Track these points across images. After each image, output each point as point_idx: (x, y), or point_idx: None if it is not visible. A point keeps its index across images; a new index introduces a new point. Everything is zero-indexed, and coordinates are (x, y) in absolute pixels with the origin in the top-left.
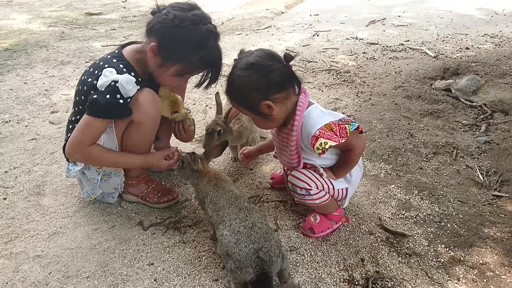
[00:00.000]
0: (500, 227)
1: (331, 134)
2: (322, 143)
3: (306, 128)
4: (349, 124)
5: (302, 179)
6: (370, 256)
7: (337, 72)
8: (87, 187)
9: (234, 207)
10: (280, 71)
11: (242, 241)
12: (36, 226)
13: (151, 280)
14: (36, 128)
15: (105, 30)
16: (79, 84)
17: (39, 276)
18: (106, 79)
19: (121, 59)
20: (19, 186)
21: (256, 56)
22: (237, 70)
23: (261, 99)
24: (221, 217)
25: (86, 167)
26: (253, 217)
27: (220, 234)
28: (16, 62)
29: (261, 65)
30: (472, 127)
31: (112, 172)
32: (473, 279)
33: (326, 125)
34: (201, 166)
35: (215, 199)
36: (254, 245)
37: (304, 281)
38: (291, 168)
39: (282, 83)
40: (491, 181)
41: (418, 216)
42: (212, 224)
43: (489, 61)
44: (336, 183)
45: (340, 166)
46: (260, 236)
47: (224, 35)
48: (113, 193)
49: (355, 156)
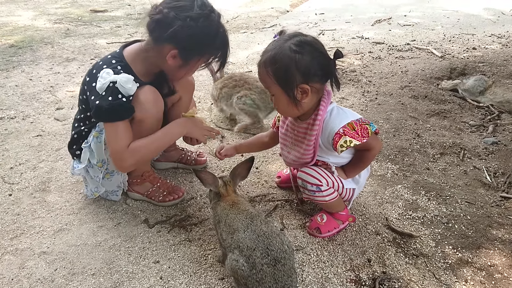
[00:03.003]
0: (509, 229)
1: (354, 133)
2: (347, 141)
3: (329, 125)
4: (369, 124)
5: (314, 175)
6: (377, 256)
7: (343, 71)
8: (91, 185)
9: (251, 232)
10: (330, 62)
11: (266, 282)
12: (42, 223)
13: (157, 278)
14: (42, 125)
15: (110, 28)
16: (82, 83)
17: (44, 273)
18: (103, 81)
19: (120, 60)
20: (25, 182)
21: (313, 38)
22: (288, 44)
23: (302, 82)
24: (236, 242)
25: (89, 165)
26: (274, 250)
27: (235, 259)
28: (21, 58)
29: (317, 48)
30: (479, 127)
31: (115, 171)
32: (481, 281)
33: (349, 123)
34: (223, 190)
35: (230, 221)
36: (277, 284)
37: (310, 281)
38: (297, 165)
39: (327, 75)
40: (498, 182)
41: (425, 217)
42: (224, 248)
43: (496, 62)
44: (345, 182)
45: (353, 165)
46: (284, 273)
47: (230, 33)
48: (116, 191)
49: (371, 156)
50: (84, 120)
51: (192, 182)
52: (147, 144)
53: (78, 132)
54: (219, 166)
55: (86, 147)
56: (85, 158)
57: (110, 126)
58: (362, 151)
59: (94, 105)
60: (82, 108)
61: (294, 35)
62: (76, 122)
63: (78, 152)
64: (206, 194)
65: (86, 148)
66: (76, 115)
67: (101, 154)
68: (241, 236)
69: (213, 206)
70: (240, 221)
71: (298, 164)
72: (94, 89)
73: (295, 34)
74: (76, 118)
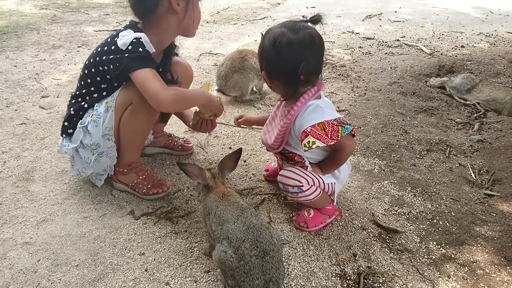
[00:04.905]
0: (492, 226)
1: (322, 133)
2: (310, 142)
3: (300, 120)
4: (344, 126)
5: (292, 177)
6: (362, 251)
7: (333, 66)
8: (79, 165)
9: (241, 224)
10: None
11: (254, 273)
12: (25, 213)
13: (142, 270)
14: (26, 113)
15: (98, 15)
16: (92, 57)
17: (27, 263)
18: (126, 38)
19: (136, 28)
20: (8, 171)
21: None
22: (313, 30)
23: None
24: (226, 233)
25: (80, 145)
26: (263, 242)
27: (223, 250)
28: (5, 44)
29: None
30: (465, 125)
31: (104, 152)
32: (464, 276)
33: (320, 123)
34: (212, 182)
35: (220, 212)
36: (265, 276)
37: (296, 274)
38: (268, 148)
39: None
40: (483, 179)
41: (410, 213)
42: (213, 239)
43: (484, 60)
44: (324, 177)
45: (328, 163)
46: (272, 266)
47: (220, 24)
48: (101, 175)
49: (342, 157)
50: (85, 95)
51: (180, 174)
52: (181, 91)
53: (77, 109)
54: (207, 158)
55: (81, 128)
56: (77, 138)
57: (146, 71)
58: (335, 150)
59: (124, 58)
60: (86, 84)
61: (301, 25)
62: (74, 99)
63: (71, 131)
64: (193, 187)
65: (80, 129)
66: (74, 92)
67: (97, 138)
68: (230, 227)
69: (202, 198)
70: (230, 213)
71: (269, 147)
72: (116, 49)
73: (300, 25)
74: (76, 94)
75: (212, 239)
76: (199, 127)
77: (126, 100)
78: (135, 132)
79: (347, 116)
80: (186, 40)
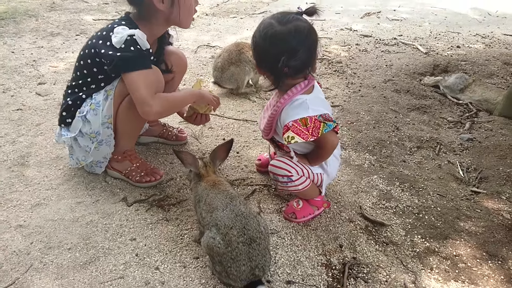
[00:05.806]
0: (475, 222)
1: (303, 129)
2: (289, 137)
3: (285, 113)
4: (326, 123)
5: (282, 166)
6: (349, 242)
7: (329, 62)
8: (78, 154)
9: (230, 211)
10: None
11: (240, 260)
12: (19, 197)
13: (133, 255)
14: (22, 99)
15: (97, 4)
16: (87, 48)
17: (20, 246)
18: (120, 35)
19: (130, 22)
20: (3, 155)
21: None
22: (302, 22)
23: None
24: (214, 220)
25: (79, 134)
26: (251, 230)
27: (212, 237)
28: (3, 30)
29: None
30: (456, 124)
31: (104, 140)
32: (446, 269)
33: (303, 119)
34: (203, 171)
35: (210, 200)
36: (252, 263)
37: (283, 263)
38: (262, 133)
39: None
40: (470, 177)
41: (397, 207)
42: (203, 226)
43: (478, 61)
44: (313, 167)
45: (314, 155)
46: (258, 253)
47: (219, 17)
48: (101, 162)
49: (324, 153)
50: (82, 86)
51: (173, 163)
52: (170, 97)
53: (75, 99)
54: (200, 148)
55: (80, 117)
56: (76, 127)
57: (136, 74)
58: (316, 145)
59: (116, 57)
60: (82, 74)
61: (297, 17)
62: (70, 89)
63: (69, 120)
64: (185, 175)
65: (79, 118)
66: (70, 82)
67: (97, 126)
68: (219, 214)
69: (194, 186)
70: (219, 200)
71: (262, 132)
72: (111, 46)
73: (294, 16)
74: (72, 84)
75: (202, 226)
76: (193, 120)
77: (125, 89)
78: (132, 121)
79: (341, 112)
80: (184, 31)
